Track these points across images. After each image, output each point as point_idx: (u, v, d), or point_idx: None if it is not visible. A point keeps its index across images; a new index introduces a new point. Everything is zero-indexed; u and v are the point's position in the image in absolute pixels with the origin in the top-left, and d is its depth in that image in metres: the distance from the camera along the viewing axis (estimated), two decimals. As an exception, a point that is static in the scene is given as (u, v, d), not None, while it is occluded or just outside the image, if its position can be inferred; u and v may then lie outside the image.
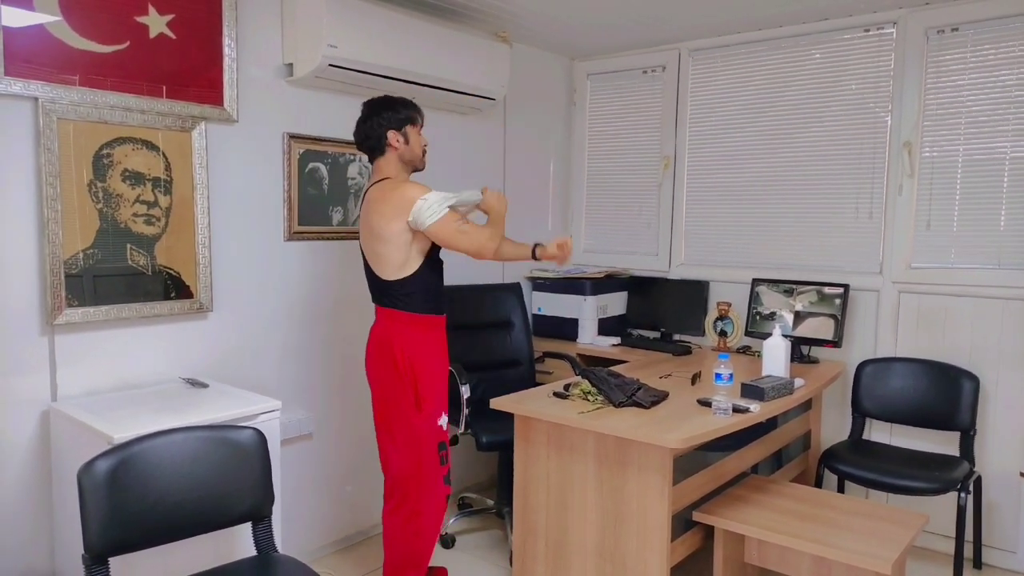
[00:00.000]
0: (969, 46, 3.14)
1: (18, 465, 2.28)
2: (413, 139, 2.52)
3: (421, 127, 2.55)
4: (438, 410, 2.55)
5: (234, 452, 2.04)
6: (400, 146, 2.50)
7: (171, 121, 2.53)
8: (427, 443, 2.52)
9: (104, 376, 2.45)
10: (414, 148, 2.53)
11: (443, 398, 2.59)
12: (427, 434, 2.52)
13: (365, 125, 2.52)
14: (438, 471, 2.55)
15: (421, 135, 2.56)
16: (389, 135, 2.48)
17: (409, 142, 2.51)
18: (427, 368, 2.51)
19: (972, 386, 3.06)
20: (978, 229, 3.15)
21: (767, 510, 2.50)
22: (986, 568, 3.12)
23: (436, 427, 2.54)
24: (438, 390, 2.56)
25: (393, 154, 2.51)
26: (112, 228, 2.42)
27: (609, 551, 2.41)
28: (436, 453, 2.54)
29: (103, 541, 1.80)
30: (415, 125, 2.52)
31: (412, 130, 2.51)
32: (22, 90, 2.18)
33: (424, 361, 2.51)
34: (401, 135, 2.49)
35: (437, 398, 2.55)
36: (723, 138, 3.83)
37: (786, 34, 3.58)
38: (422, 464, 2.53)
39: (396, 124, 2.49)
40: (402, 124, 2.49)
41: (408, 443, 2.53)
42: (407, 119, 2.50)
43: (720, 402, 2.44)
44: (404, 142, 2.50)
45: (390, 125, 2.49)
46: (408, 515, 2.55)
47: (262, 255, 2.88)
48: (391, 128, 2.49)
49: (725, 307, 3.67)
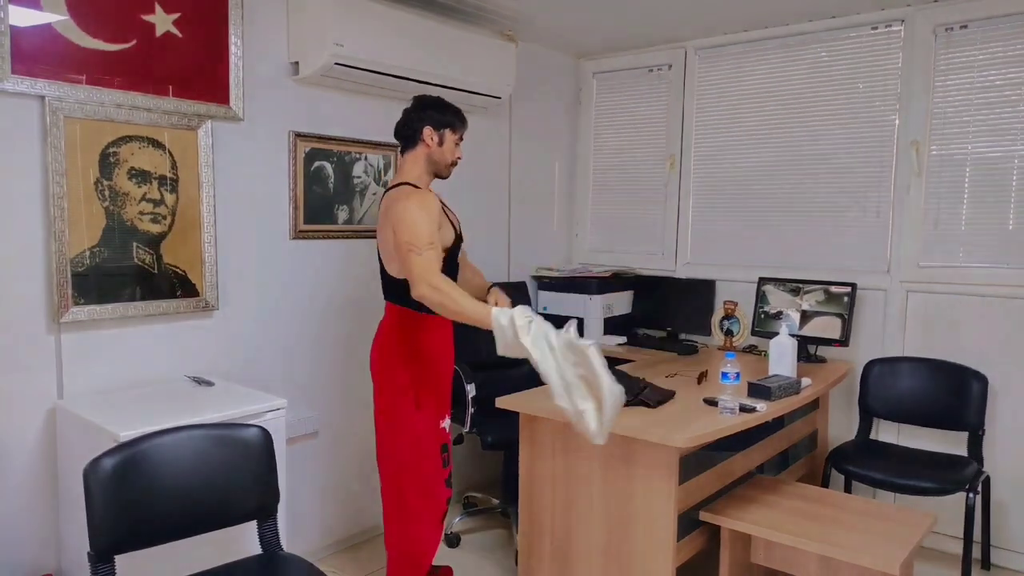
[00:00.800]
0: (978, 44, 3.12)
1: (24, 462, 2.29)
2: (447, 144, 2.51)
3: (460, 139, 2.55)
4: (440, 411, 2.54)
5: (240, 450, 2.04)
6: (432, 145, 2.49)
7: (177, 120, 2.53)
8: (427, 443, 2.50)
9: (110, 374, 2.45)
10: (445, 153, 2.52)
11: (445, 400, 2.57)
12: (427, 434, 2.50)
13: (408, 115, 2.51)
14: (439, 473, 2.53)
15: (458, 147, 2.55)
16: (425, 131, 2.47)
17: (443, 145, 2.50)
18: (429, 368, 2.50)
19: (980, 386, 3.04)
20: (986, 228, 3.13)
21: (774, 510, 2.49)
22: (994, 569, 3.10)
23: (438, 428, 2.52)
24: (440, 391, 2.54)
25: (423, 152, 2.49)
26: (118, 226, 2.42)
27: (615, 550, 2.41)
28: (438, 455, 2.53)
29: (109, 539, 1.80)
30: (454, 133, 2.52)
31: (450, 135, 2.51)
32: (29, 89, 2.19)
33: (427, 361, 2.50)
34: (437, 135, 2.49)
35: (439, 399, 2.53)
36: (729, 136, 3.82)
37: (793, 32, 3.57)
38: (421, 464, 2.50)
39: (436, 123, 2.48)
40: (441, 126, 2.49)
41: (408, 442, 2.51)
42: (448, 123, 2.51)
43: (727, 401, 2.42)
44: (437, 143, 2.49)
45: (430, 122, 2.48)
46: (407, 517, 2.54)
47: (268, 254, 2.88)
48: (429, 125, 2.48)
49: (731, 306, 3.66)
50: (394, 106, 3.27)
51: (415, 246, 2.29)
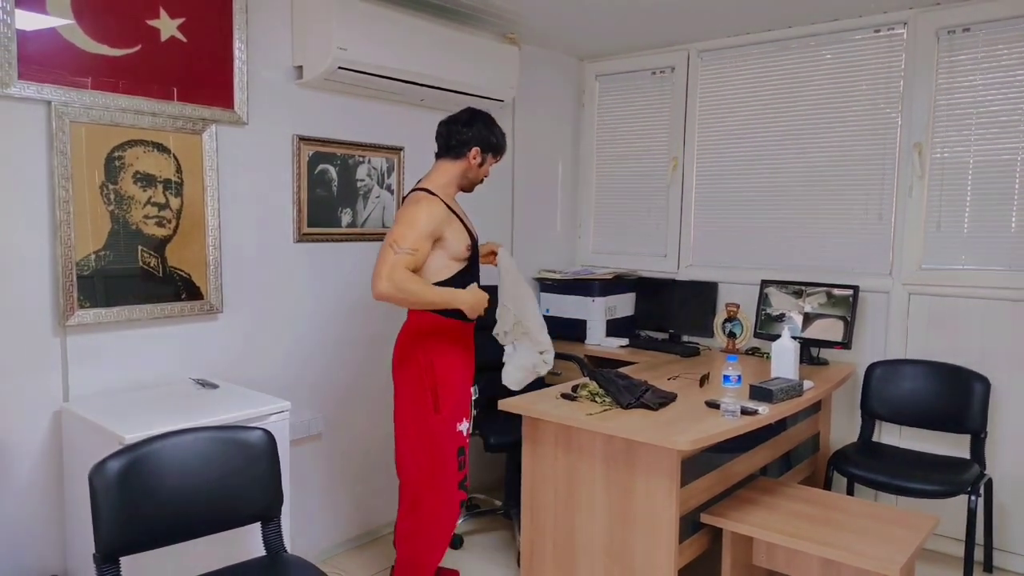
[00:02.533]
0: (980, 46, 3.12)
1: (30, 465, 2.30)
2: (487, 166, 2.60)
3: (496, 162, 2.63)
4: (458, 415, 2.55)
5: (244, 453, 2.06)
6: (473, 165, 2.55)
7: (182, 124, 2.55)
8: (445, 446, 2.52)
9: (115, 377, 2.47)
10: (480, 175, 2.60)
11: (464, 404, 2.59)
12: (445, 437, 2.52)
13: (459, 126, 2.53)
14: (455, 476, 2.55)
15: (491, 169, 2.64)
16: (473, 149, 2.53)
17: (482, 166, 2.58)
18: (448, 373, 2.53)
19: (983, 388, 3.05)
20: (989, 230, 3.13)
21: (776, 512, 2.50)
22: (997, 571, 3.10)
23: (455, 432, 2.54)
24: (459, 395, 2.56)
25: (462, 166, 2.55)
26: (123, 230, 2.44)
27: (617, 552, 2.41)
28: (455, 458, 2.54)
29: (114, 540, 1.82)
30: (496, 157, 2.60)
31: (491, 159, 2.59)
32: (36, 94, 2.20)
33: (446, 366, 2.53)
34: (483, 156, 2.56)
35: (457, 403, 2.55)
36: (732, 139, 3.82)
37: (796, 35, 3.57)
38: (437, 467, 2.53)
39: (486, 145, 2.55)
40: (490, 149, 2.56)
41: (425, 445, 2.54)
42: (495, 148, 2.58)
43: (728, 404, 2.43)
44: (479, 163, 2.56)
45: (481, 143, 2.54)
46: (421, 518, 2.56)
47: (272, 256, 2.89)
48: (479, 146, 2.54)
49: (734, 308, 3.66)
50: (397, 109, 3.30)
51: (398, 244, 2.35)
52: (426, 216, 2.41)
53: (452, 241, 2.48)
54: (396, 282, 2.32)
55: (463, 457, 2.57)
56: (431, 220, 2.42)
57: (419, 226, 2.39)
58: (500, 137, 2.60)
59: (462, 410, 2.57)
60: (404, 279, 2.33)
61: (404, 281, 2.33)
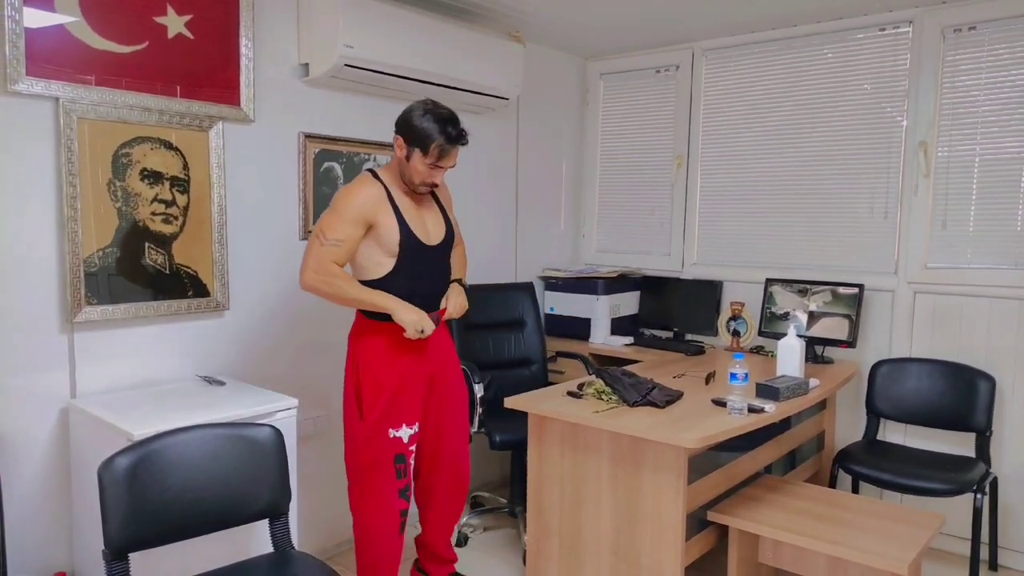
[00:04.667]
0: (986, 45, 3.12)
1: (38, 462, 2.31)
2: (414, 163, 2.34)
3: (435, 164, 2.34)
4: (392, 420, 2.40)
5: (252, 449, 2.06)
6: (400, 157, 2.37)
7: (188, 121, 2.55)
8: (373, 452, 2.40)
9: (122, 373, 2.47)
10: (411, 171, 2.36)
11: (406, 409, 2.43)
12: (372, 443, 2.40)
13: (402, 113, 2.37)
14: (390, 483, 2.43)
15: (434, 171, 2.36)
16: (397, 138, 2.36)
17: (408, 161, 2.35)
18: (377, 376, 2.40)
19: (988, 387, 3.05)
20: (994, 229, 3.13)
21: (782, 510, 2.50)
22: (1002, 570, 3.10)
23: (389, 438, 2.41)
24: (388, 400, 2.39)
25: (394, 157, 2.41)
26: (130, 227, 2.44)
27: (623, 550, 2.42)
28: (390, 465, 2.42)
29: (123, 537, 1.82)
30: (424, 155, 2.31)
31: (418, 156, 2.32)
32: (44, 90, 2.21)
33: (373, 369, 2.40)
34: (407, 149, 2.34)
35: (392, 408, 2.40)
36: (737, 137, 3.82)
37: (800, 33, 3.57)
38: (367, 473, 2.42)
39: (407, 134, 2.33)
40: (411, 142, 2.33)
41: (350, 448, 2.46)
42: (417, 142, 2.31)
43: (735, 402, 2.43)
44: (404, 156, 2.35)
45: (404, 131, 2.34)
46: (356, 523, 2.49)
47: (278, 254, 2.89)
48: (402, 134, 2.35)
49: (738, 307, 3.66)
50: (402, 107, 3.28)
51: (324, 235, 2.30)
52: (352, 201, 2.31)
53: (382, 232, 2.34)
54: (321, 275, 2.28)
55: (402, 465, 2.43)
56: (358, 205, 2.31)
57: (344, 213, 2.30)
58: (430, 130, 2.28)
59: (401, 415, 2.42)
60: (328, 273, 2.28)
61: (329, 275, 2.28)
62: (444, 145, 2.31)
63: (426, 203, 2.51)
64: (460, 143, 2.37)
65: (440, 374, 2.56)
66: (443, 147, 2.32)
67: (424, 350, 2.48)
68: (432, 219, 2.50)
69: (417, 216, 2.44)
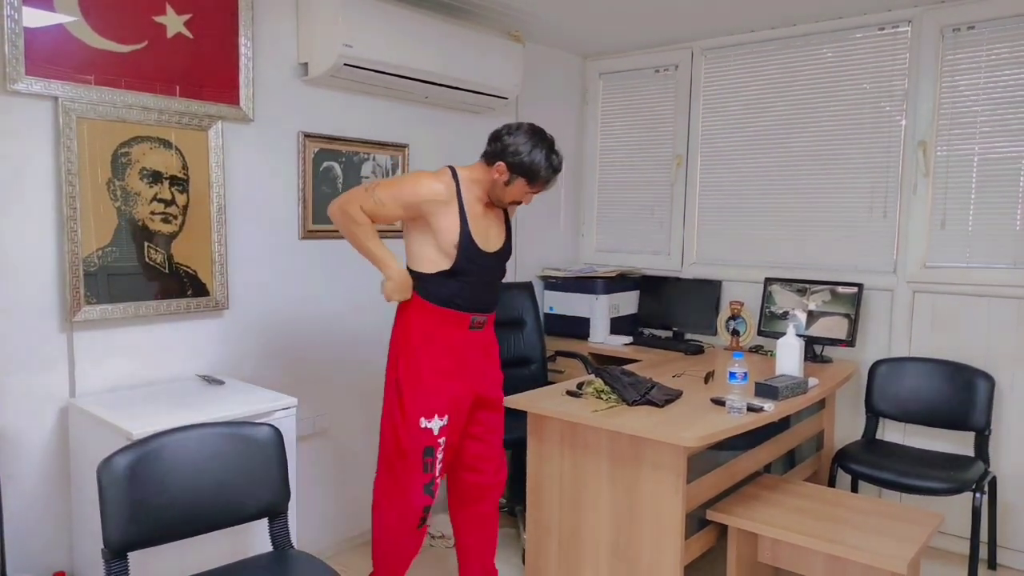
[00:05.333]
0: (985, 44, 3.12)
1: (37, 461, 2.31)
2: (513, 188, 2.35)
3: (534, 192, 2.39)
4: (425, 410, 2.36)
5: (251, 448, 2.06)
6: (499, 180, 2.34)
7: (188, 120, 2.55)
8: (405, 441, 2.37)
9: (122, 373, 2.47)
10: (506, 195, 2.38)
11: (434, 398, 2.37)
12: (406, 431, 2.37)
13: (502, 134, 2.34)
14: (415, 476, 2.38)
15: (528, 196, 2.40)
16: (499, 165, 2.32)
17: (508, 186, 2.35)
18: (417, 358, 2.37)
19: (987, 386, 3.05)
20: (993, 228, 3.13)
21: (781, 509, 2.50)
22: (1001, 569, 3.10)
23: (419, 428, 2.36)
24: (427, 388, 2.36)
25: (490, 176, 2.36)
26: (130, 226, 2.44)
27: (623, 549, 2.42)
28: (418, 457, 2.37)
29: (122, 536, 1.82)
30: (532, 185, 2.35)
31: (522, 184, 2.34)
32: (43, 89, 2.21)
33: (415, 349, 2.37)
34: (509, 175, 2.33)
35: (424, 397, 2.36)
36: (736, 137, 3.82)
37: (799, 33, 3.57)
38: (396, 460, 2.40)
39: (515, 165, 2.31)
40: (519, 171, 2.32)
41: (387, 434, 2.44)
42: (528, 173, 2.32)
43: (734, 401, 2.43)
44: (504, 182, 2.34)
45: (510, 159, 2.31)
46: (374, 510, 2.49)
47: (277, 253, 2.90)
48: (507, 162, 2.31)
49: (738, 306, 3.66)
50: (402, 107, 3.30)
51: (375, 189, 2.33)
52: (414, 188, 2.31)
53: (441, 231, 2.33)
54: (349, 216, 2.33)
55: (430, 459, 2.38)
56: (415, 194, 2.31)
57: (401, 190, 2.32)
58: (540, 164, 2.31)
59: (430, 405, 2.37)
60: (354, 219, 2.33)
61: (353, 222, 2.34)
62: (552, 177, 2.38)
63: (495, 212, 2.50)
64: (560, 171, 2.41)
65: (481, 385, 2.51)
66: (550, 178, 2.38)
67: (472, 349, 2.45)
68: (496, 227, 2.49)
69: (483, 222, 2.41)
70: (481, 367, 2.51)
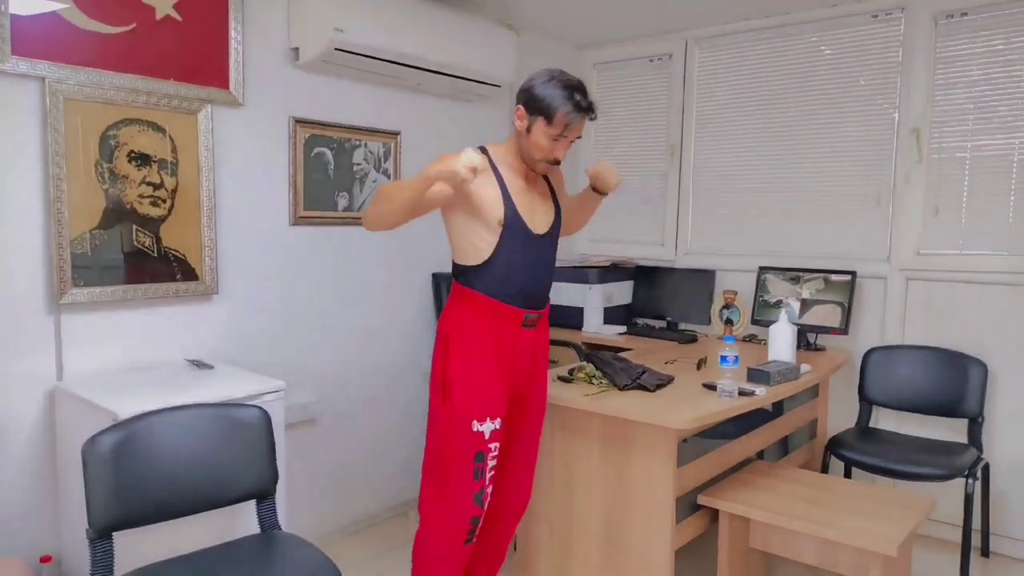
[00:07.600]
0: (978, 31, 3.11)
1: (23, 444, 2.29)
2: (535, 135, 2.09)
3: (561, 135, 2.08)
4: (476, 411, 2.12)
5: (238, 430, 2.05)
6: (520, 128, 2.12)
7: (177, 103, 2.54)
8: (455, 444, 2.13)
9: (110, 356, 2.45)
10: (532, 147, 2.11)
11: (487, 399, 2.14)
12: (454, 434, 2.13)
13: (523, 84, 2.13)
14: (465, 484, 2.13)
15: (557, 144, 2.10)
16: (517, 109, 2.12)
17: (529, 133, 2.10)
18: (466, 354, 2.13)
19: (980, 373, 3.04)
20: (987, 215, 3.13)
21: (772, 494, 2.49)
22: (994, 556, 3.10)
23: (470, 432, 2.11)
24: (478, 386, 2.13)
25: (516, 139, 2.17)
26: (118, 209, 2.42)
27: (613, 533, 2.41)
28: (469, 463, 2.12)
29: (107, 516, 1.81)
30: (548, 124, 2.06)
31: (541, 125, 2.07)
32: (29, 70, 2.19)
33: (465, 345, 2.14)
34: (528, 119, 2.09)
35: (475, 396, 2.13)
36: (730, 126, 3.81)
37: (793, 20, 3.56)
38: (443, 465, 2.15)
39: (528, 105, 2.08)
40: (533, 110, 2.07)
41: (432, 435, 2.19)
42: (540, 110, 2.06)
43: (726, 385, 2.42)
44: (525, 128, 2.10)
45: (523, 100, 2.10)
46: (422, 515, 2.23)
47: (267, 239, 2.88)
48: (522, 104, 2.10)
49: (731, 295, 3.65)
50: (394, 94, 3.29)
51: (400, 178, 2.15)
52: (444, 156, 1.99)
53: (483, 203, 2.10)
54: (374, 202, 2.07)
55: (481, 464, 2.14)
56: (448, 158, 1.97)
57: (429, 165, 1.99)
58: (554, 96, 2.03)
59: (484, 407, 2.13)
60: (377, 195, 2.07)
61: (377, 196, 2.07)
62: (571, 114, 2.05)
63: (539, 188, 2.26)
64: (589, 114, 2.10)
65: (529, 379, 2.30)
66: (570, 115, 2.05)
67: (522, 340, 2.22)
68: (543, 207, 2.25)
69: (527, 200, 2.19)
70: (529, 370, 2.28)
